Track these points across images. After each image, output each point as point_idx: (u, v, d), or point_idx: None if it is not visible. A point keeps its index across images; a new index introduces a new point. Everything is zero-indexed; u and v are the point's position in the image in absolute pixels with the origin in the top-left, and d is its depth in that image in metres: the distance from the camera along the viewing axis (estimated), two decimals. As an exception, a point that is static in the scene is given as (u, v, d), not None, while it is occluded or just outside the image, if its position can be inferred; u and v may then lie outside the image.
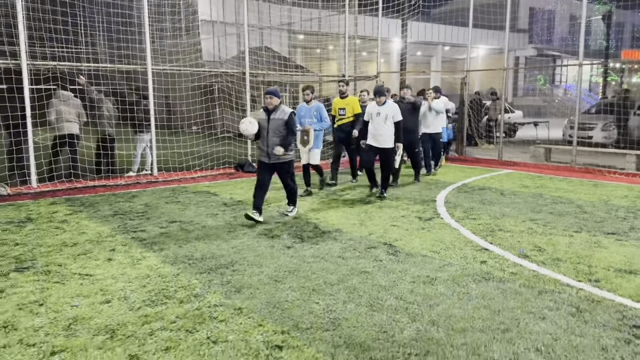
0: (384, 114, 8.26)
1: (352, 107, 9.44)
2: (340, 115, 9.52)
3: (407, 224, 6.80)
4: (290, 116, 6.72)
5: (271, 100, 6.71)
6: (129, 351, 3.39)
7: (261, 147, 6.81)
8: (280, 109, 6.73)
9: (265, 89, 6.84)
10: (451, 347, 3.47)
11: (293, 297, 4.31)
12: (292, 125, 6.73)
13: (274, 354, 3.36)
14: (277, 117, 6.68)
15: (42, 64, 9.00)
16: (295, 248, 5.69)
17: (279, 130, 6.66)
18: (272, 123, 6.68)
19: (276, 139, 6.66)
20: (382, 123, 8.26)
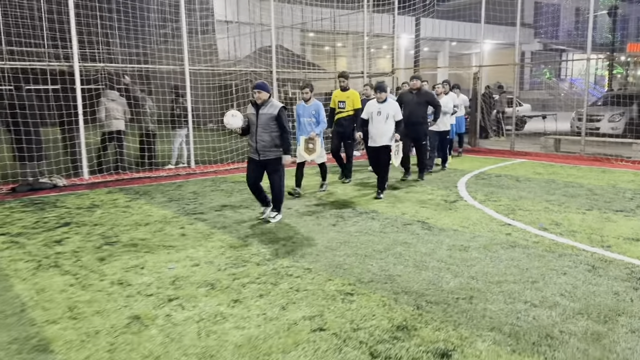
0: (385, 112, 7.98)
1: (353, 100, 9.14)
2: (340, 108, 9.21)
3: (435, 205, 7.61)
4: (280, 111, 6.38)
5: (259, 94, 6.36)
6: (231, 297, 4.22)
7: (250, 143, 6.53)
8: (269, 104, 6.41)
9: (254, 84, 6.45)
10: (490, 293, 4.28)
11: (350, 261, 5.13)
12: (283, 121, 6.38)
13: (348, 299, 4.18)
14: (266, 112, 6.36)
15: (91, 66, 9.83)
16: (339, 225, 6.50)
17: (268, 126, 6.37)
18: (261, 118, 6.36)
19: (265, 134, 6.37)
20: (383, 123, 7.97)
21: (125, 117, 10.26)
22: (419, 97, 9.39)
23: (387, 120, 7.95)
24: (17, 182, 9.00)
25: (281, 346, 3.40)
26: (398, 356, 3.27)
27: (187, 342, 3.48)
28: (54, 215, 7.15)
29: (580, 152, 12.89)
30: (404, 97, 9.53)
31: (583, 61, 13.27)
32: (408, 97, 9.46)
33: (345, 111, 9.16)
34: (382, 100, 8.04)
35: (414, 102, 9.30)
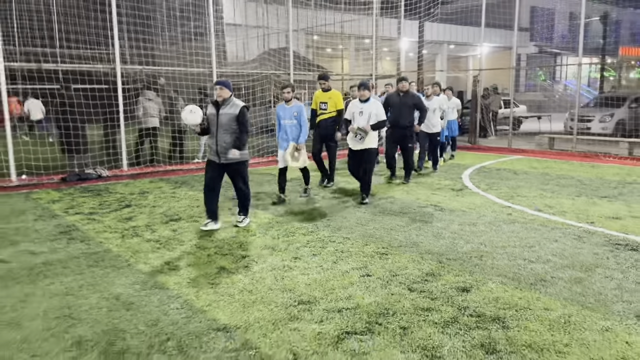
0: (367, 112, 7.68)
1: (335, 101, 8.89)
2: (322, 109, 8.95)
3: (444, 193, 8.76)
4: (241, 111, 6.05)
5: (221, 91, 6.03)
6: (291, 255, 5.35)
7: (210, 144, 6.21)
8: (230, 102, 6.08)
9: (215, 81, 6.07)
10: (496, 254, 5.42)
11: (379, 232, 6.26)
12: (243, 121, 6.06)
13: (383, 257, 5.31)
14: (226, 112, 6.03)
15: (131, 68, 10.92)
16: (363, 208, 7.63)
17: (229, 126, 6.03)
18: (222, 118, 6.02)
19: (226, 135, 6.04)
20: (365, 122, 7.67)
21: (160, 115, 11.36)
22: (405, 99, 9.26)
23: (369, 120, 7.64)
24: (65, 173, 10.07)
25: (340, 284, 4.53)
26: (430, 290, 4.41)
27: (268, 282, 4.60)
28: (113, 200, 8.24)
29: (572, 149, 14.10)
30: (391, 99, 9.42)
31: (576, 65, 14.50)
32: (395, 99, 9.35)
33: (327, 112, 8.91)
34: (364, 100, 7.77)
35: (401, 105, 9.21)
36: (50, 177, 9.97)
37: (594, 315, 3.92)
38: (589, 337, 3.57)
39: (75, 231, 6.34)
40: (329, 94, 8.98)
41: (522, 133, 19.93)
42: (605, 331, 3.65)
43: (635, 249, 5.56)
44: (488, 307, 4.06)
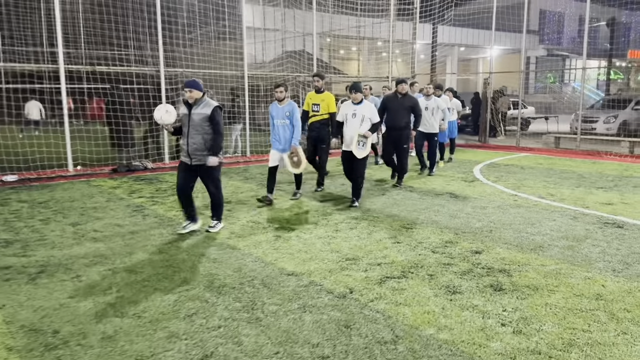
0: (360, 114, 7.67)
1: (328, 103, 8.73)
2: (314, 111, 8.79)
3: (457, 183, 9.89)
4: (214, 111, 5.93)
5: (190, 93, 5.92)
6: (332, 228, 6.51)
7: (182, 145, 6.18)
8: (203, 102, 5.96)
9: (185, 82, 6.05)
10: (503, 229, 6.54)
11: (402, 214, 7.39)
12: (217, 122, 5.94)
13: (409, 230, 6.45)
14: (199, 112, 5.92)
15: (173, 70, 12.15)
16: (387, 195, 8.77)
17: (201, 127, 5.92)
18: (194, 118, 5.92)
19: (198, 136, 5.94)
20: (358, 125, 7.65)
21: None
22: (403, 101, 9.24)
23: (362, 122, 7.64)
24: (115, 165, 11.29)
25: (376, 248, 5.69)
26: (449, 252, 5.56)
27: (318, 246, 5.77)
28: (166, 187, 9.44)
29: (576, 148, 15.17)
30: (389, 101, 9.41)
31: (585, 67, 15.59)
32: (393, 101, 9.32)
33: (320, 115, 8.76)
34: (357, 102, 7.76)
35: (399, 107, 9.20)
36: (101, 168, 11.19)
37: (579, 269, 5.05)
38: (573, 282, 4.70)
39: (146, 209, 7.54)
40: (322, 95, 8.80)
41: (530, 133, 20.98)
42: (587, 279, 4.78)
43: (621, 226, 6.68)
44: (496, 263, 5.20)
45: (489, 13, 18.86)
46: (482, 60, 39.53)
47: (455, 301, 4.26)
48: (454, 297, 4.35)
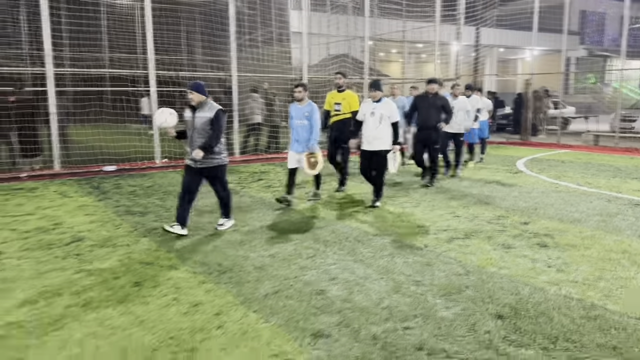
0: (379, 113, 7.58)
1: (349, 102, 8.64)
2: (336, 110, 8.74)
3: (503, 174, 11.09)
4: (217, 114, 6.00)
5: (192, 96, 6.00)
6: (398, 207, 7.87)
7: (186, 149, 6.28)
8: (206, 106, 6.05)
9: (188, 84, 6.10)
10: (547, 209, 7.75)
11: (458, 195, 8.68)
12: (218, 124, 5.99)
13: (465, 208, 7.75)
14: (202, 115, 6.00)
15: (244, 75, 13.72)
16: (443, 183, 10.05)
17: (204, 130, 6.00)
18: (197, 122, 6.01)
19: (201, 139, 6.01)
20: (377, 124, 7.59)
21: (262, 113, 14.11)
22: (434, 101, 9.35)
23: (381, 121, 7.57)
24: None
25: (440, 219, 7.01)
26: (502, 223, 6.84)
27: (390, 218, 7.12)
28: (245, 176, 10.96)
29: (615, 145, 16.10)
30: (419, 101, 9.55)
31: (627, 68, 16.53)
32: (424, 100, 9.46)
33: (342, 114, 8.70)
34: (376, 100, 7.69)
35: (430, 106, 9.32)
36: (183, 160, 12.82)
37: (610, 235, 6.28)
38: (605, 242, 5.94)
39: (240, 191, 9.05)
40: (344, 94, 8.73)
41: (570, 132, 21.85)
42: (616, 241, 6.01)
43: (650, 207, 7.84)
44: (541, 230, 6.47)
45: (529, 14, 19.87)
46: (521, 61, 40.20)
47: (510, 252, 5.57)
48: (508, 250, 5.66)
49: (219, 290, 4.53)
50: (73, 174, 10.92)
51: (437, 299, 4.33)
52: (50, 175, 10.74)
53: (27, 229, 6.58)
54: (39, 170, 10.95)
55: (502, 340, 3.62)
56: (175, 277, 4.84)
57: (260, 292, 4.50)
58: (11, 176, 10.42)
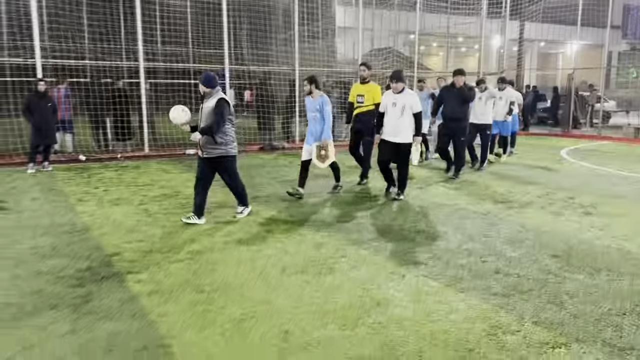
0: (401, 104, 7.51)
1: (373, 94, 8.66)
2: (359, 103, 8.76)
3: (547, 161, 12.23)
4: (218, 102, 6.16)
5: (200, 87, 6.31)
6: (449, 189, 9.16)
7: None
8: (212, 96, 6.26)
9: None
10: (589, 188, 8.91)
11: (509, 179, 9.90)
12: (219, 112, 6.13)
13: (517, 186, 8.99)
14: (207, 105, 6.24)
15: (304, 69, 15.15)
16: (492, 167, 11.26)
17: (210, 119, 6.21)
18: (204, 111, 6.28)
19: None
20: (399, 115, 7.52)
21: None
22: (461, 93, 9.30)
23: (403, 112, 7.50)
24: (261, 144, 14.39)
25: (501, 195, 8.28)
26: (550, 197, 8.07)
27: (451, 192, 8.43)
28: (312, 159, 12.34)
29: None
30: (445, 93, 9.57)
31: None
32: (450, 92, 9.45)
33: (365, 106, 8.71)
34: (398, 91, 7.63)
35: (456, 98, 9.29)
36: (251, 147, 14.34)
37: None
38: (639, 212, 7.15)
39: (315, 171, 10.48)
40: (367, 86, 8.77)
41: (611, 126, 22.62)
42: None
43: (683, 188, 8.95)
44: (585, 203, 7.68)
45: (571, 8, 20.69)
46: (561, 54, 40.63)
47: (559, 218, 6.84)
48: (558, 216, 6.92)
49: (332, 237, 5.93)
50: (160, 156, 12.53)
51: (504, 245, 5.65)
52: (141, 156, 12.37)
53: (155, 194, 8.13)
54: (130, 152, 12.60)
55: (558, 269, 4.92)
56: (295, 228, 6.27)
57: (365, 237, 5.89)
58: (110, 156, 12.09)
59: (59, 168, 10.58)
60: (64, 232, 6.04)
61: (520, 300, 4.20)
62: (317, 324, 3.78)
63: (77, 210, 7.13)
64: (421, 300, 4.19)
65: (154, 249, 5.44)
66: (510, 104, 11.57)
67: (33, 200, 7.70)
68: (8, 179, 9.32)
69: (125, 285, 4.47)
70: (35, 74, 11.00)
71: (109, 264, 4.98)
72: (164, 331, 3.65)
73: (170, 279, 4.62)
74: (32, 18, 11.13)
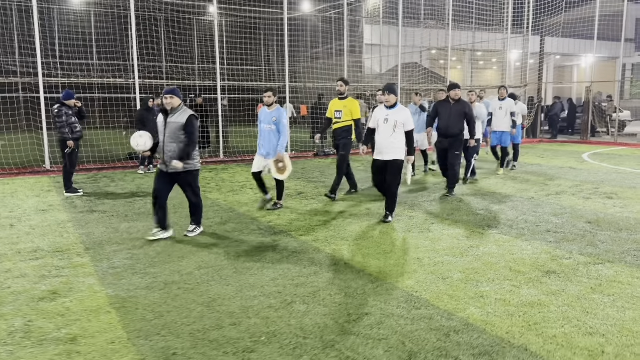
0: (393, 120, 7.16)
1: (351, 110, 8.76)
2: (337, 118, 8.87)
3: (572, 163, 14.31)
4: (189, 120, 6.19)
5: (171, 100, 6.21)
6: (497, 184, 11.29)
7: (158, 154, 6.44)
8: (179, 111, 6.25)
9: (164, 90, 6.31)
10: (610, 182, 10.98)
11: (543, 176, 11.98)
12: (191, 130, 6.20)
13: (549, 181, 11.07)
14: (174, 121, 6.21)
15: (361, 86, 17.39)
16: (516, 169, 13.35)
17: (176, 136, 6.21)
18: (170, 127, 6.23)
19: (173, 144, 6.22)
20: (391, 132, 7.16)
21: (366, 116, 17.72)
22: (457, 107, 9.12)
23: (395, 129, 7.15)
24: (314, 152, 16.57)
25: (538, 189, 10.39)
26: (579, 188, 10.16)
27: (503, 184, 10.56)
28: (359, 164, 14.51)
29: (668, 143, 18.99)
30: (441, 107, 9.32)
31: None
32: (445, 107, 9.23)
33: (342, 122, 8.83)
34: (390, 106, 7.28)
35: (452, 113, 9.09)
36: (306, 154, 16.53)
37: (656, 194, 9.54)
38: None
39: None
40: (345, 102, 8.86)
41: (626, 134, 24.67)
42: (660, 197, 9.29)
43: (689, 181, 11.01)
44: (607, 191, 9.76)
45: (586, 23, 22.77)
46: (576, 67, 42.72)
47: (588, 201, 8.93)
48: (587, 200, 9.02)
49: (419, 214, 8.06)
50: (234, 161, 14.75)
51: (550, 217, 7.74)
52: (217, 162, 14.60)
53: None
54: (207, 157, 14.84)
55: (592, 229, 7.01)
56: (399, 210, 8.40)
57: (443, 214, 8.02)
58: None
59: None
60: (225, 211, 8.21)
61: (568, 244, 6.31)
62: (435, 256, 5.90)
63: (211, 197, 9.32)
64: (500, 245, 6.30)
65: (295, 219, 7.60)
66: (511, 115, 11.70)
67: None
68: (128, 178, 11.56)
69: (294, 237, 6.63)
70: (134, 93, 13.32)
71: (271, 227, 7.14)
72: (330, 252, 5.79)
73: (318, 234, 6.76)
74: (132, 45, 13.46)
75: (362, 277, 5.19)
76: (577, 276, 5.20)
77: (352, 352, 3.67)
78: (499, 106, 11.74)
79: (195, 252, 6.01)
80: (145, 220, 7.56)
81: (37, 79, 12.40)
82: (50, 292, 4.77)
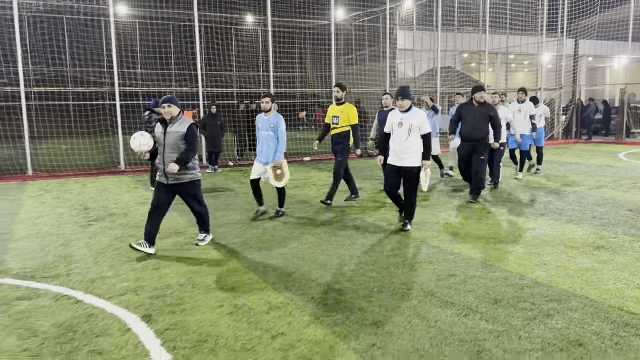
0: (407, 123, 6.93)
1: (348, 115, 8.78)
2: (334, 124, 8.90)
3: (609, 161, 15.14)
4: (190, 129, 6.15)
5: (170, 109, 6.14)
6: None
7: (158, 165, 6.34)
8: (179, 120, 6.20)
9: (162, 98, 6.24)
10: (637, 180, 11.91)
11: (582, 174, 12.89)
12: (192, 139, 6.16)
13: (589, 176, 12.00)
14: (174, 130, 6.15)
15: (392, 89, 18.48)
16: (548, 166, 14.25)
17: (176, 145, 6.14)
18: (169, 137, 6.15)
19: (173, 155, 6.13)
20: (406, 136, 6.93)
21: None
22: (481, 110, 8.94)
23: (410, 133, 6.92)
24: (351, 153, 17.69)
25: (580, 182, 11.33)
26: (618, 182, 11.07)
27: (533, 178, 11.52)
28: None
29: (703, 142, 19.62)
30: (464, 110, 9.14)
31: None
32: (469, 109, 9.05)
33: (340, 127, 8.85)
34: (405, 110, 7.06)
35: (477, 116, 8.90)
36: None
37: (692, 187, 10.42)
38: (688, 190, 10.11)
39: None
40: (342, 107, 8.88)
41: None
42: (695, 190, 10.16)
43: None
44: (636, 184, 10.68)
45: (620, 24, 23.40)
46: (608, 69, 43.08)
47: (627, 193, 9.86)
48: (626, 193, 9.96)
49: (477, 202, 9.10)
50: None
51: (594, 207, 8.71)
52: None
53: (315, 183, 11.45)
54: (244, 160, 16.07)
55: (633, 215, 7.98)
56: (439, 197, 9.45)
57: (496, 202, 9.06)
58: (248, 163, 15.56)
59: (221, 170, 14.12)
60: (298, 202, 9.39)
61: (613, 227, 7.30)
62: (498, 237, 6.96)
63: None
64: (553, 228, 7.32)
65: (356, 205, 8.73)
66: (531, 118, 11.69)
67: (242, 185, 11.17)
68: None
69: (365, 220, 7.75)
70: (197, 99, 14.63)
71: (344, 215, 8.28)
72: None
73: (372, 219, 7.87)
74: (196, 56, 14.79)
75: (441, 251, 6.30)
76: (623, 250, 6.22)
77: (449, 298, 4.77)
78: (517, 109, 11.75)
79: (298, 236, 7.19)
80: (235, 211, 8.79)
81: (114, 88, 13.80)
82: (195, 260, 5.98)
